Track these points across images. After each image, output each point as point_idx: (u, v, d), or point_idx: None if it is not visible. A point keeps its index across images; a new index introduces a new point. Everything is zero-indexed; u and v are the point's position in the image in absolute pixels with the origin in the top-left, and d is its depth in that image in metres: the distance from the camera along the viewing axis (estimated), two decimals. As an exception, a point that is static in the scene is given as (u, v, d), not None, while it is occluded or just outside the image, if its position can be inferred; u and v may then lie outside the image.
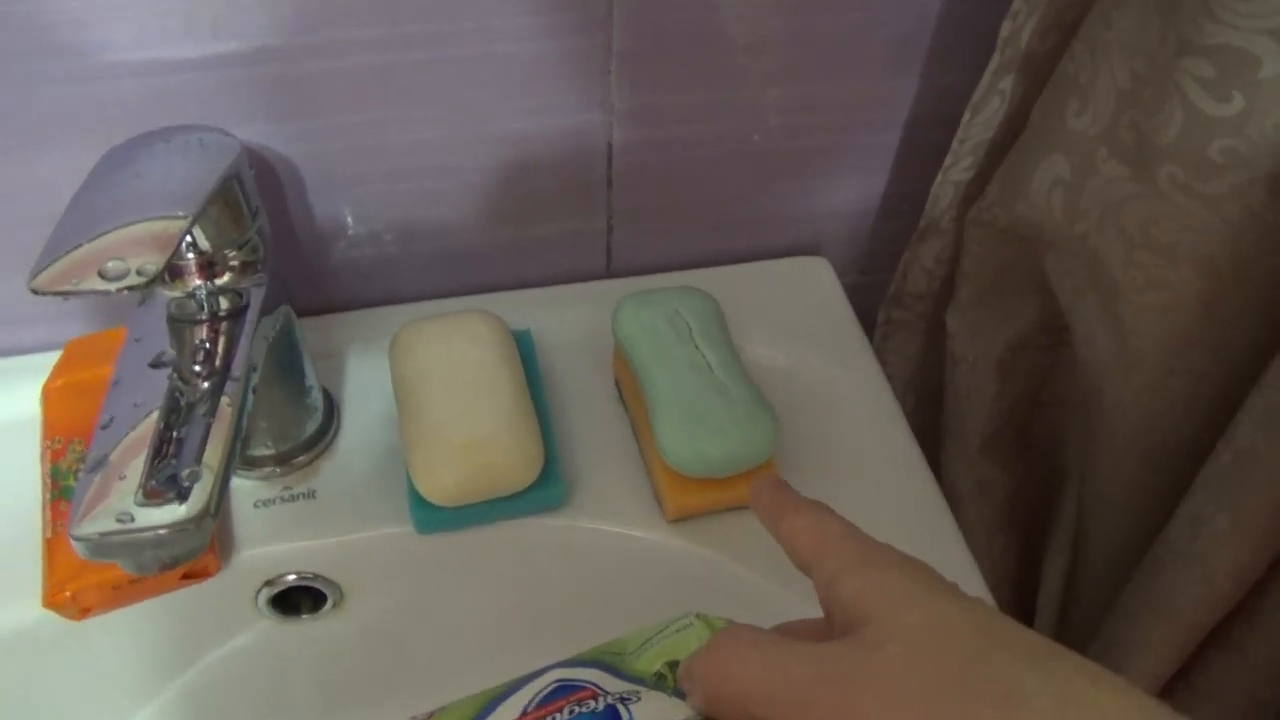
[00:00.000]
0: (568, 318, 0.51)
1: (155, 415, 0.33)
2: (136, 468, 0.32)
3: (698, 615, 0.26)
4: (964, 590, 0.23)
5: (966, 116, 0.46)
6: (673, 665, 0.25)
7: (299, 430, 0.44)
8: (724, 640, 0.23)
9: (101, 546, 0.30)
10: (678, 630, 0.26)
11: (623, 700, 0.23)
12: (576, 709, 0.23)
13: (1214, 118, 0.35)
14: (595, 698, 0.23)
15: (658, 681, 0.24)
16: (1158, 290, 0.41)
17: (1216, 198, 0.37)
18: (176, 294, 0.36)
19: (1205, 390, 0.43)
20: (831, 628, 0.23)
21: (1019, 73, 0.44)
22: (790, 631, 0.27)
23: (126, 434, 0.33)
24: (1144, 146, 0.38)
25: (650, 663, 0.25)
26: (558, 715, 0.23)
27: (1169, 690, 0.51)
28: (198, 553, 0.32)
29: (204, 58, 0.39)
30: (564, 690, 0.24)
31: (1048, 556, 0.59)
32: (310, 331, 0.49)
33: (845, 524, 0.25)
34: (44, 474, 0.41)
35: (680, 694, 0.24)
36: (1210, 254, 0.39)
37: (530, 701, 0.24)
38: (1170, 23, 0.35)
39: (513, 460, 0.41)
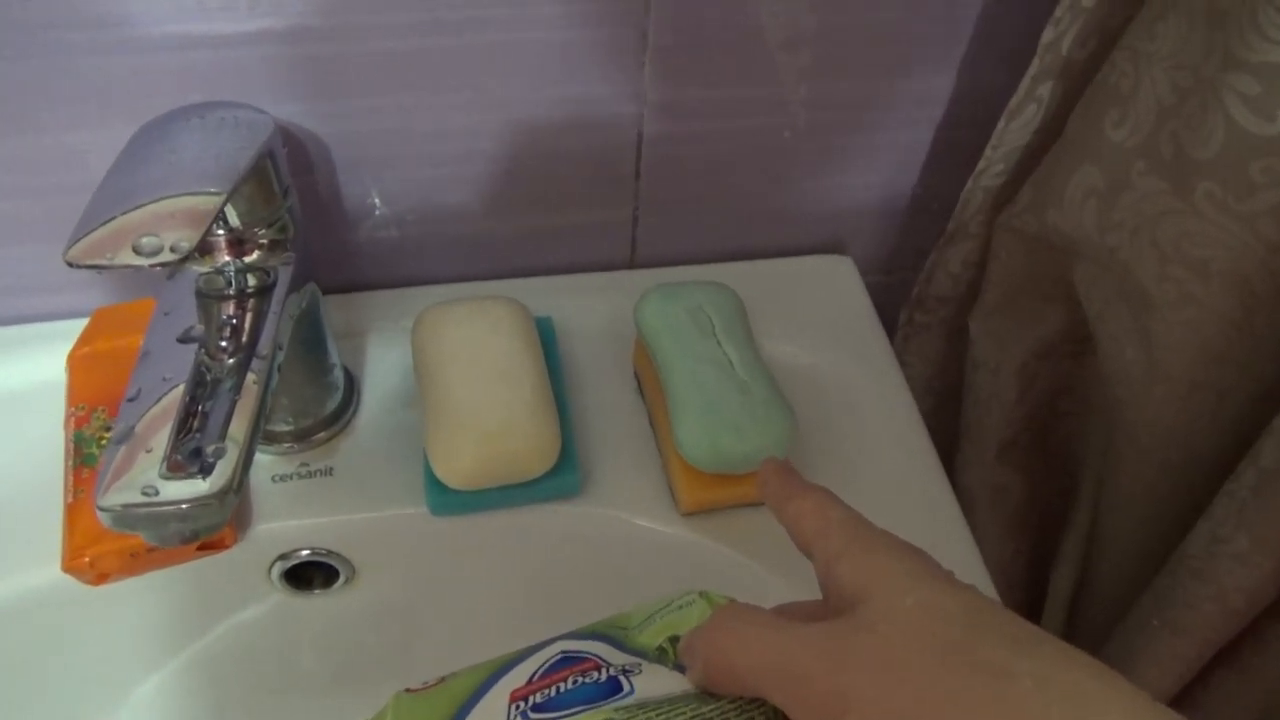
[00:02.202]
0: (590, 306, 0.51)
1: (181, 389, 0.33)
2: (162, 441, 0.32)
3: (700, 593, 0.27)
4: (959, 579, 0.23)
5: (1002, 123, 0.46)
6: (674, 640, 0.25)
7: (319, 407, 0.44)
8: (724, 617, 0.24)
9: (125, 518, 0.30)
10: (680, 606, 0.26)
11: (625, 672, 0.24)
12: (580, 679, 0.24)
13: (1257, 136, 0.34)
14: (598, 669, 0.24)
15: (659, 655, 0.25)
16: (1189, 305, 0.40)
17: (1254, 216, 0.36)
18: (205, 269, 0.37)
19: (1230, 407, 0.43)
20: (828, 608, 0.24)
21: (1058, 80, 0.43)
22: (788, 612, 0.27)
23: (153, 407, 0.33)
24: (1182, 161, 0.37)
25: (653, 637, 0.26)
26: (561, 685, 0.23)
27: (1173, 706, 0.51)
28: (219, 527, 0.32)
29: (240, 34, 0.39)
30: (568, 661, 0.24)
31: (1058, 564, 0.59)
32: (334, 310, 0.49)
33: (848, 509, 0.26)
34: (67, 440, 0.41)
35: (681, 668, 0.25)
36: (1244, 272, 0.38)
37: (535, 671, 0.24)
38: (1216, 37, 0.35)
39: (530, 447, 0.41)
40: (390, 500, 0.43)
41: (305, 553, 0.43)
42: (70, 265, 0.29)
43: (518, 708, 0.23)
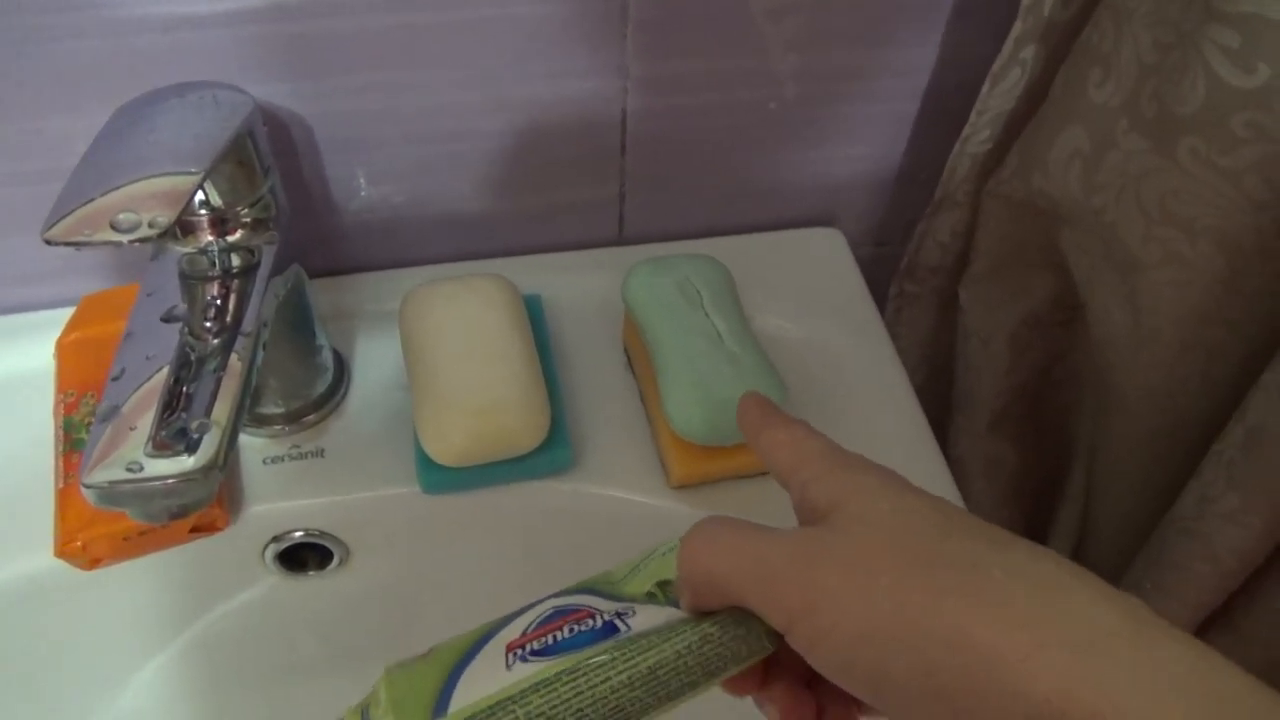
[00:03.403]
0: (579, 283, 0.51)
1: (166, 369, 0.34)
2: (147, 419, 0.32)
3: (682, 540, 0.27)
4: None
5: (986, 87, 0.45)
6: (662, 584, 0.26)
7: (309, 389, 0.44)
8: (699, 528, 0.25)
9: (111, 494, 0.30)
10: (663, 554, 0.27)
11: (619, 615, 0.24)
12: (576, 627, 0.24)
13: (1238, 89, 0.34)
14: (592, 616, 0.24)
15: (648, 600, 0.26)
16: (1175, 265, 0.40)
17: (1238, 171, 0.36)
18: (189, 250, 0.37)
19: (1219, 367, 0.43)
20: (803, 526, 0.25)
21: (1040, 42, 0.43)
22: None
23: (138, 386, 0.33)
24: (1165, 118, 0.37)
25: (640, 585, 0.26)
26: (557, 633, 0.24)
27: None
28: (205, 503, 0.32)
29: (219, 14, 0.39)
30: (561, 613, 0.25)
31: (1054, 532, 0.59)
32: (322, 292, 0.49)
33: (823, 439, 0.26)
34: (57, 427, 0.41)
35: (675, 603, 0.25)
36: (1230, 229, 0.38)
37: (529, 625, 0.25)
38: (1196, -10, 0.35)
39: (519, 423, 0.41)
40: (382, 480, 0.43)
41: (298, 534, 0.43)
42: (49, 243, 0.29)
43: (516, 654, 0.24)
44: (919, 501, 0.23)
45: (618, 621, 0.24)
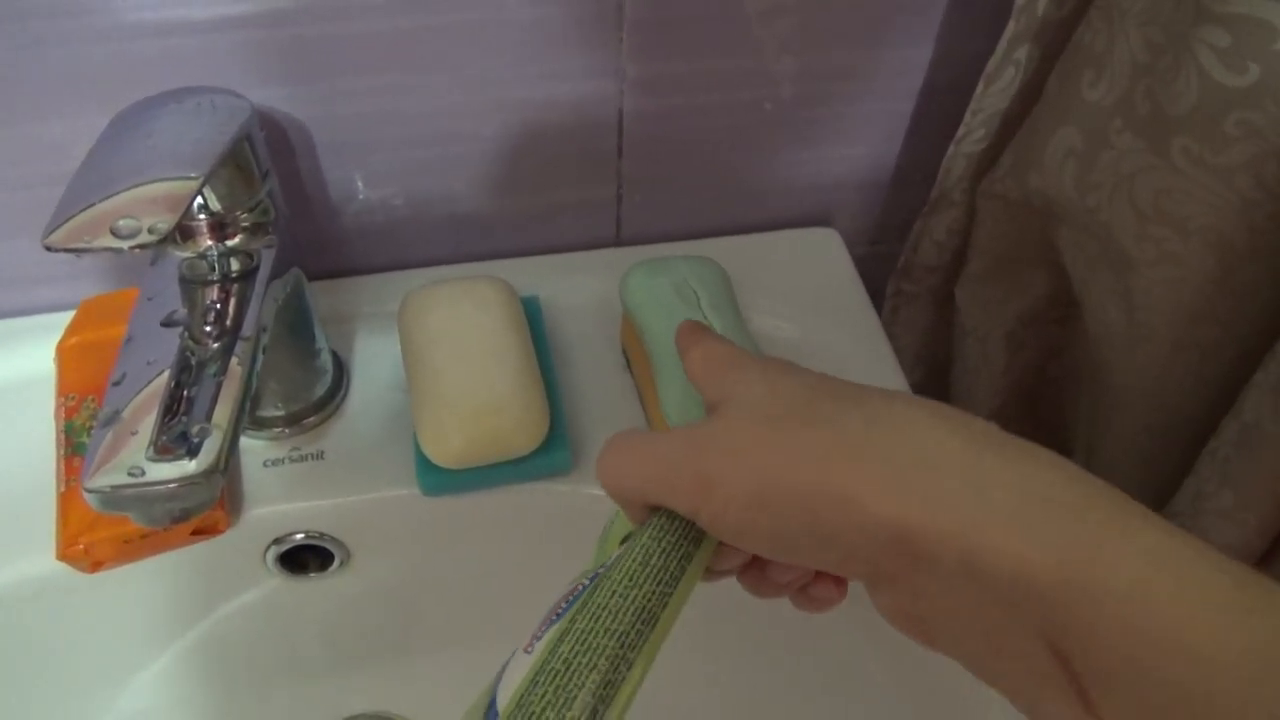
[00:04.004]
0: (576, 285, 0.51)
1: (167, 374, 0.34)
2: (148, 424, 0.32)
3: (596, 462, 0.29)
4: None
5: (980, 87, 0.46)
6: (625, 539, 0.27)
7: (308, 392, 0.44)
8: (605, 448, 0.27)
9: (113, 499, 0.30)
10: (617, 517, 0.29)
11: (600, 568, 0.26)
12: (570, 596, 0.26)
13: (1230, 88, 0.34)
14: (579, 585, 0.26)
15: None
16: (1169, 264, 0.41)
17: (1230, 170, 0.36)
18: (188, 254, 0.37)
19: (1214, 365, 0.43)
20: None
21: (1034, 42, 0.43)
22: None
23: (139, 391, 0.33)
24: (1158, 118, 0.38)
25: (610, 547, 0.28)
26: (558, 609, 0.25)
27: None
28: (207, 506, 0.32)
29: (216, 19, 0.39)
30: (557, 602, 0.26)
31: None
32: (321, 295, 0.49)
33: (728, 347, 0.29)
34: (58, 430, 0.42)
35: None
36: (1223, 228, 0.38)
37: (535, 626, 0.26)
38: (1187, -10, 0.35)
39: (518, 424, 0.41)
40: (382, 482, 0.43)
41: (299, 536, 0.43)
42: (49, 250, 0.29)
43: (532, 641, 0.25)
44: (792, 380, 0.25)
45: (599, 572, 0.26)
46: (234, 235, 0.37)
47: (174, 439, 0.32)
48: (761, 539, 0.24)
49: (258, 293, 0.37)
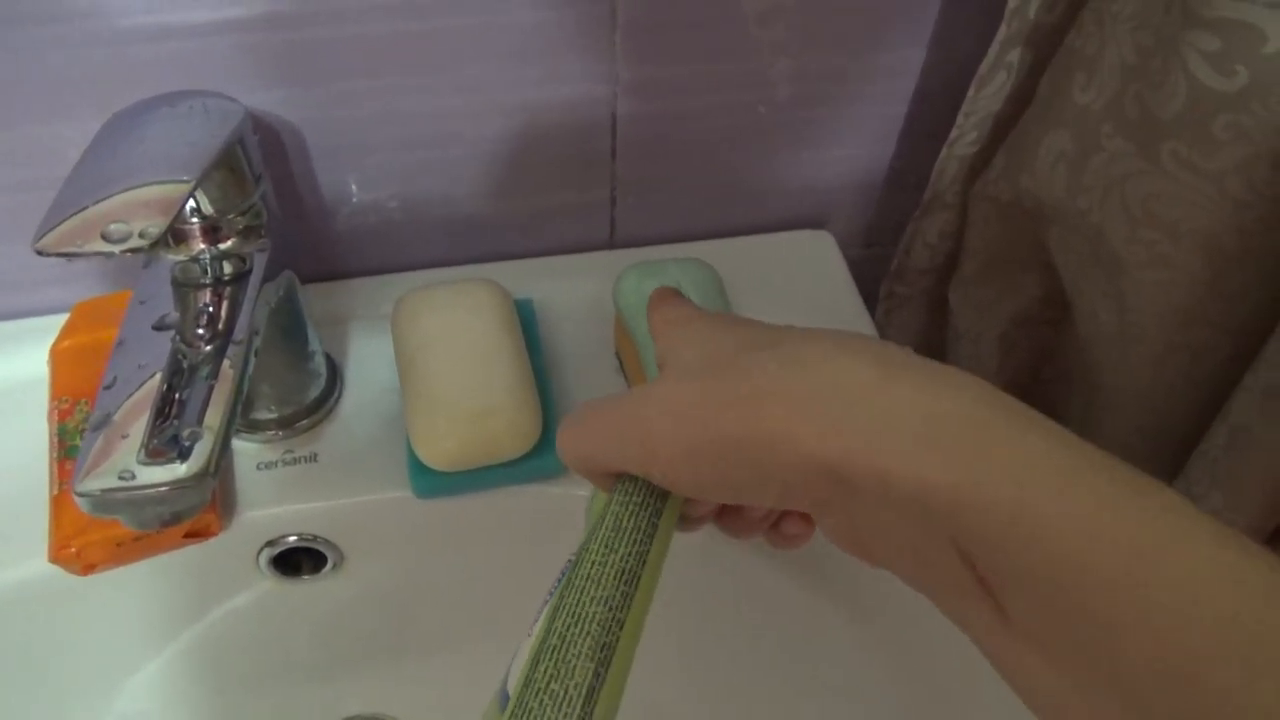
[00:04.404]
0: (570, 288, 0.51)
1: (158, 377, 0.34)
2: (139, 427, 0.32)
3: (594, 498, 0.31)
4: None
5: (973, 90, 0.46)
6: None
7: (302, 395, 0.44)
8: (561, 423, 0.28)
9: (104, 502, 0.31)
10: (595, 492, 0.30)
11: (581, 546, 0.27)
12: (559, 576, 0.26)
13: (1218, 92, 0.35)
14: (567, 563, 0.27)
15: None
16: (1160, 266, 0.41)
17: (1219, 174, 0.36)
18: (180, 258, 0.37)
19: (1205, 368, 0.43)
20: None
21: (1026, 45, 0.43)
22: None
23: (130, 394, 0.33)
24: (1147, 121, 0.38)
25: (594, 523, 0.28)
26: (550, 593, 0.26)
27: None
28: (197, 510, 0.32)
29: (210, 23, 0.40)
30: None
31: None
32: (314, 298, 0.50)
33: (681, 308, 0.30)
34: (51, 433, 0.42)
35: None
36: (1213, 230, 0.38)
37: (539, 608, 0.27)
38: (1176, -5, 0.35)
39: (511, 428, 0.41)
40: (375, 484, 0.43)
41: (292, 539, 0.43)
42: (41, 254, 0.29)
43: (531, 624, 0.26)
44: (724, 333, 0.26)
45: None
46: (226, 238, 0.37)
47: (165, 442, 0.32)
48: (708, 488, 0.25)
49: (250, 296, 0.37)
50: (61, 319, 0.45)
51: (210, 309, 0.36)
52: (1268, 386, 0.38)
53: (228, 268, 0.37)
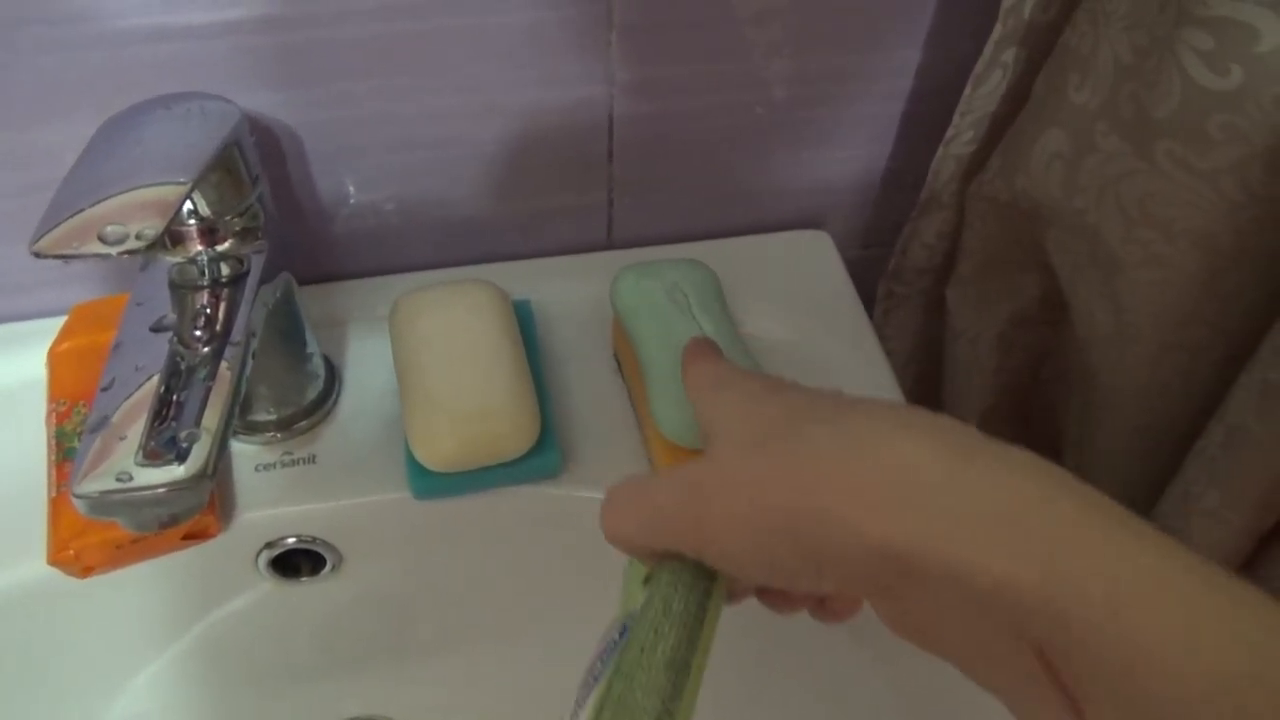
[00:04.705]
0: (568, 289, 0.51)
1: (156, 379, 0.34)
2: (137, 429, 0.32)
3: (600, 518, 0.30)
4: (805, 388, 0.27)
5: (968, 89, 0.46)
6: (646, 580, 0.27)
7: (300, 396, 0.45)
8: (607, 500, 0.27)
9: (101, 504, 0.31)
10: (630, 566, 0.29)
11: (625, 624, 0.26)
12: (603, 655, 0.26)
13: (1212, 91, 0.35)
14: (610, 639, 0.26)
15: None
16: (1155, 266, 0.41)
17: (1214, 173, 0.37)
18: (178, 259, 0.37)
19: (1201, 367, 0.43)
20: None
21: (1021, 45, 0.44)
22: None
23: (128, 396, 0.33)
24: (1142, 121, 0.38)
25: (634, 593, 0.28)
26: (595, 676, 0.25)
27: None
28: (195, 511, 0.32)
29: (207, 25, 0.40)
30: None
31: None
32: (312, 300, 0.50)
33: (715, 364, 0.30)
34: (49, 436, 0.42)
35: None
36: (1208, 229, 0.38)
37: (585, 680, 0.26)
38: (1170, -6, 0.35)
39: (508, 427, 0.41)
40: (373, 486, 0.43)
41: (291, 540, 0.43)
42: (38, 256, 0.29)
43: (577, 704, 0.25)
44: (774, 401, 0.26)
45: (627, 622, 0.26)
46: (224, 240, 0.37)
47: (163, 444, 0.32)
48: (764, 571, 0.24)
49: (247, 297, 0.37)
50: (59, 321, 0.45)
51: (208, 311, 0.36)
52: (1264, 385, 0.38)
53: (225, 269, 0.37)
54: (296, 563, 0.45)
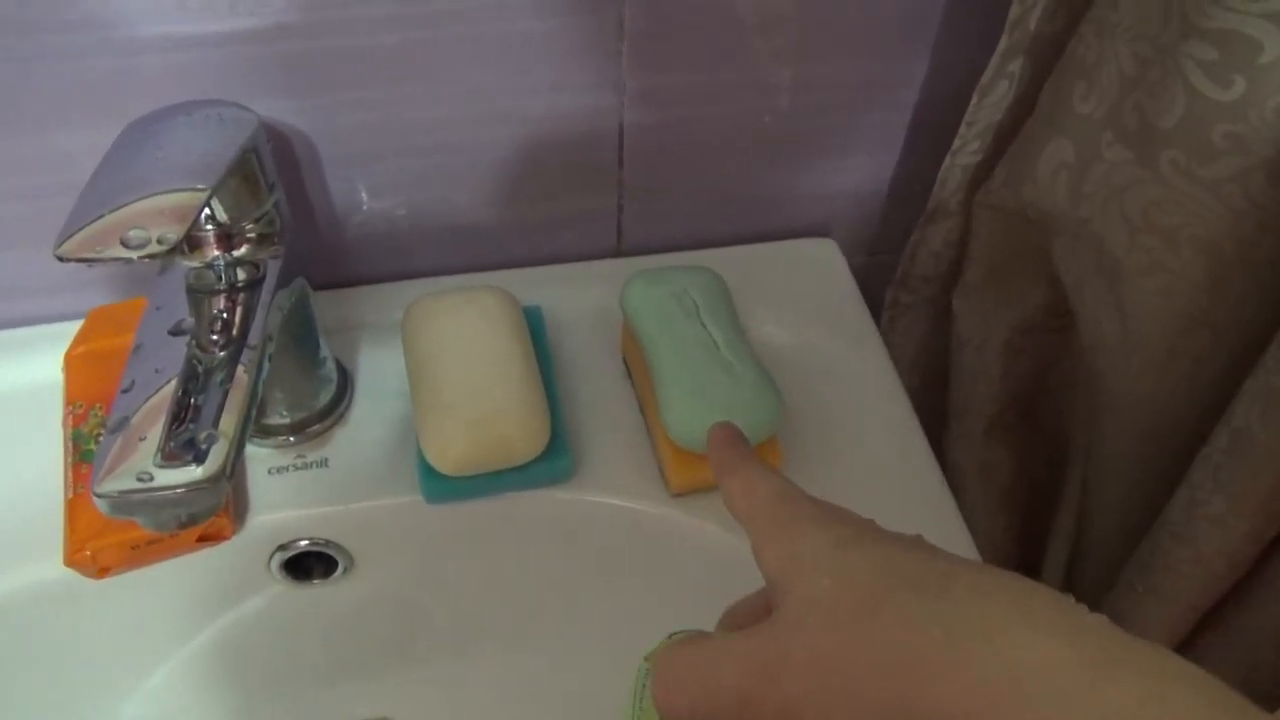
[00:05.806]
0: (578, 295, 0.52)
1: (174, 381, 0.34)
2: (156, 430, 0.33)
3: (645, 657, 0.27)
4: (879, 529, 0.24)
5: (975, 99, 0.46)
6: None
7: (313, 400, 0.45)
8: (660, 671, 0.24)
9: (122, 504, 0.31)
10: (644, 686, 0.27)
11: None
12: None
13: (1216, 102, 0.35)
14: None
15: None
16: (1160, 273, 0.41)
17: (1218, 182, 0.37)
18: (195, 264, 0.37)
19: (1206, 374, 0.44)
20: (768, 596, 0.24)
21: (1027, 55, 0.44)
22: (734, 614, 0.28)
23: (147, 398, 0.34)
24: (1146, 131, 0.38)
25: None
26: None
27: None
28: (213, 511, 0.33)
29: (222, 33, 0.40)
30: None
31: (1051, 539, 0.59)
32: (325, 305, 0.50)
33: (773, 484, 0.26)
34: (66, 438, 0.42)
35: None
36: (1212, 238, 0.39)
37: None
38: (1174, 6, 0.35)
39: (520, 432, 0.42)
40: (385, 489, 0.44)
41: (303, 543, 0.44)
42: (61, 260, 0.30)
43: None
44: (861, 560, 0.22)
45: None
46: (240, 246, 0.38)
47: (181, 445, 0.32)
48: None
49: (263, 302, 0.37)
50: (75, 325, 0.46)
51: (224, 315, 0.37)
52: (1268, 390, 0.39)
53: (241, 274, 0.38)
54: (308, 565, 0.46)
